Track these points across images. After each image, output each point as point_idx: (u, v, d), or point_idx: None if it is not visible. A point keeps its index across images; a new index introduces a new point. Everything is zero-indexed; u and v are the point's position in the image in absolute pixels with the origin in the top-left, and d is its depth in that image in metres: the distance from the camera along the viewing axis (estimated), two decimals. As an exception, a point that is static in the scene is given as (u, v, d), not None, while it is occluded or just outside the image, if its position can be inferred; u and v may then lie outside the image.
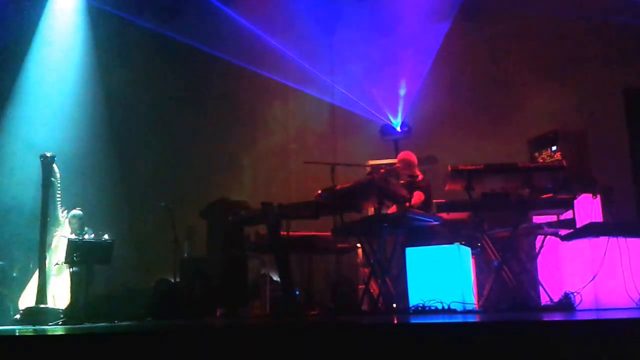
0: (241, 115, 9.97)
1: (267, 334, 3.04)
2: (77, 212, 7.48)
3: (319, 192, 5.93)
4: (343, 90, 9.35)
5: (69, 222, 7.41)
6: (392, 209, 6.29)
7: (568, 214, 5.83)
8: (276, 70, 9.41)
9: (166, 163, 9.66)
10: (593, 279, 5.21)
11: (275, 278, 6.91)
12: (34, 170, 7.35)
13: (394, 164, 6.90)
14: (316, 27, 9.33)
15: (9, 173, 8.51)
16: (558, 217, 5.83)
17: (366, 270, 6.54)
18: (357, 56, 9.16)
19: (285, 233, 6.38)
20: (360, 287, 6.64)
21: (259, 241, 6.67)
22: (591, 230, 5.44)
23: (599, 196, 6.18)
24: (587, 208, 6.06)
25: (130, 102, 9.58)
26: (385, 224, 5.69)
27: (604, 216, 6.16)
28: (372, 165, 7.17)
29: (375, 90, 9.28)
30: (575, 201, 5.84)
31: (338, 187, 5.87)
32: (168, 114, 9.77)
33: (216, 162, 9.80)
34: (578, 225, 5.68)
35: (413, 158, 6.77)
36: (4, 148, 8.63)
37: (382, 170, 6.43)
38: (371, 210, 6.44)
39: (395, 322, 3.86)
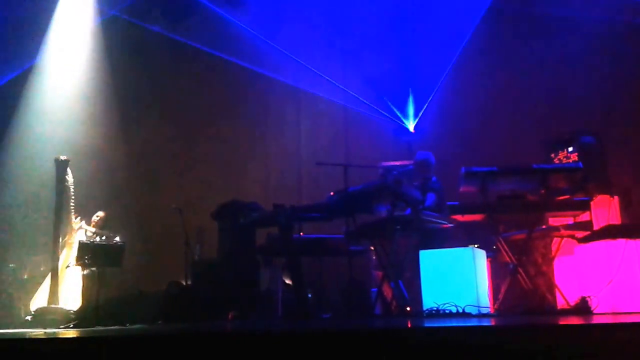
0: (253, 116, 9.96)
1: (278, 338, 3.00)
2: (101, 212, 7.64)
3: (332, 193, 5.88)
4: (355, 93, 9.32)
5: (93, 222, 7.51)
6: None
7: (585, 216, 5.75)
8: (288, 71, 9.39)
9: (177, 165, 9.67)
10: (610, 282, 5.13)
11: (287, 281, 6.87)
12: (49, 173, 7.38)
13: (407, 165, 6.84)
14: (328, 28, 9.30)
15: (24, 175, 8.55)
16: (575, 219, 5.75)
17: (379, 273, 6.49)
18: (371, 57, 9.11)
19: (297, 235, 6.34)
20: (373, 290, 6.58)
21: (270, 243, 6.62)
22: (609, 232, 5.36)
23: (616, 197, 6.11)
24: (605, 210, 5.98)
25: (142, 104, 9.62)
26: (399, 226, 5.64)
27: (622, 218, 6.09)
28: (384, 167, 7.11)
29: (388, 91, 9.23)
30: (592, 203, 5.76)
31: (351, 188, 5.83)
32: (180, 116, 9.78)
33: (227, 163, 9.79)
34: (595, 228, 5.61)
35: (432, 159, 6.70)
36: (19, 151, 8.67)
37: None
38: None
39: (409, 325, 3.82)
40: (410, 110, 9.25)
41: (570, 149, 6.71)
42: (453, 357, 2.68)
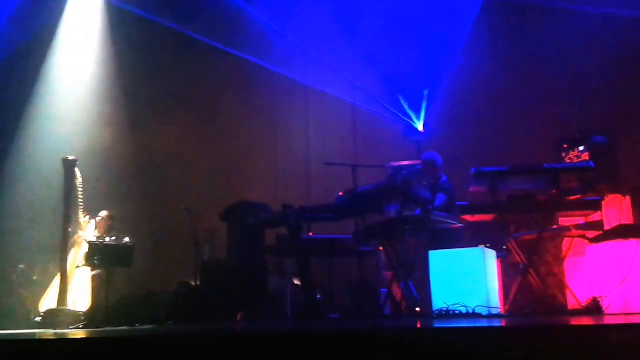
0: (262, 116, 9.95)
1: (287, 338, 2.99)
2: (104, 212, 7.61)
3: (341, 194, 5.87)
4: (364, 91, 9.29)
5: (97, 223, 7.50)
6: None
7: (596, 216, 5.71)
8: (296, 70, 9.38)
9: (186, 165, 9.67)
10: (622, 282, 5.09)
11: (296, 281, 6.85)
12: (57, 174, 7.38)
13: (416, 165, 6.81)
14: (337, 27, 9.27)
15: (32, 176, 8.56)
16: (586, 219, 5.71)
17: (388, 273, 6.46)
18: (379, 56, 9.08)
19: (306, 235, 6.32)
20: (382, 290, 6.56)
21: (279, 244, 6.61)
22: (620, 232, 5.33)
23: (628, 197, 6.06)
24: (616, 209, 5.94)
25: (151, 103, 9.62)
26: (408, 227, 5.62)
27: (633, 217, 6.03)
28: (394, 167, 7.09)
29: (397, 91, 9.20)
30: (603, 202, 5.72)
31: (360, 189, 5.81)
32: (188, 116, 9.78)
33: (236, 164, 9.79)
34: (607, 227, 5.56)
35: (438, 159, 6.67)
36: (27, 151, 8.69)
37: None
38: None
39: (419, 326, 3.80)
40: (421, 109, 9.20)
41: (582, 148, 6.67)
42: (463, 358, 2.67)
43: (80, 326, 6.17)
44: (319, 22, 9.20)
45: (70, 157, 7.25)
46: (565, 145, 6.90)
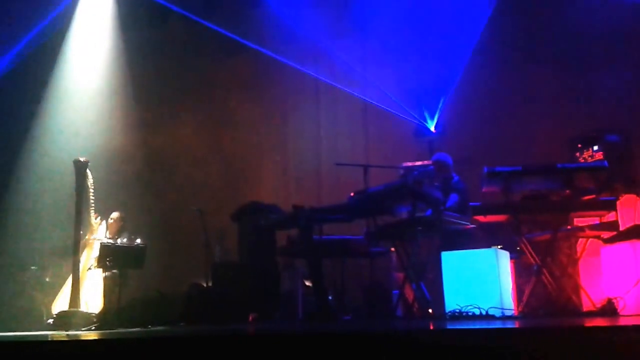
0: (272, 117, 9.95)
1: (299, 340, 2.98)
2: (116, 213, 7.63)
3: (352, 194, 5.84)
4: (376, 90, 9.26)
5: (108, 224, 7.53)
6: None
7: (611, 216, 5.66)
8: (308, 69, 9.37)
9: (197, 166, 9.69)
10: (637, 283, 5.05)
11: (308, 283, 6.84)
12: (68, 175, 7.41)
13: (428, 165, 6.78)
14: (350, 24, 9.25)
15: (43, 177, 8.61)
16: (600, 219, 5.66)
17: (400, 274, 6.43)
18: (391, 55, 9.04)
19: (317, 236, 6.30)
20: (394, 292, 6.53)
21: (290, 245, 6.60)
22: (635, 232, 5.29)
23: (643, 197, 6.01)
24: (631, 209, 5.88)
25: (162, 105, 9.65)
26: (420, 228, 5.59)
27: (649, 218, 5.98)
28: (405, 167, 7.06)
29: (409, 90, 9.16)
30: (618, 202, 5.67)
31: (371, 189, 5.78)
32: (200, 117, 9.80)
33: (247, 165, 9.80)
34: (621, 228, 5.51)
35: (448, 159, 6.66)
36: (39, 152, 8.73)
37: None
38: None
39: (431, 328, 3.77)
40: (436, 109, 9.16)
41: (595, 147, 6.65)
42: (477, 360, 2.65)
43: (93, 328, 6.18)
44: (332, 19, 9.18)
45: (82, 159, 7.28)
46: (579, 145, 6.88)
